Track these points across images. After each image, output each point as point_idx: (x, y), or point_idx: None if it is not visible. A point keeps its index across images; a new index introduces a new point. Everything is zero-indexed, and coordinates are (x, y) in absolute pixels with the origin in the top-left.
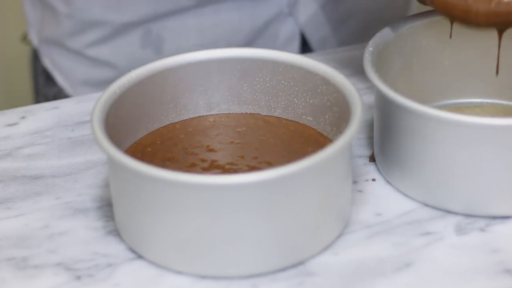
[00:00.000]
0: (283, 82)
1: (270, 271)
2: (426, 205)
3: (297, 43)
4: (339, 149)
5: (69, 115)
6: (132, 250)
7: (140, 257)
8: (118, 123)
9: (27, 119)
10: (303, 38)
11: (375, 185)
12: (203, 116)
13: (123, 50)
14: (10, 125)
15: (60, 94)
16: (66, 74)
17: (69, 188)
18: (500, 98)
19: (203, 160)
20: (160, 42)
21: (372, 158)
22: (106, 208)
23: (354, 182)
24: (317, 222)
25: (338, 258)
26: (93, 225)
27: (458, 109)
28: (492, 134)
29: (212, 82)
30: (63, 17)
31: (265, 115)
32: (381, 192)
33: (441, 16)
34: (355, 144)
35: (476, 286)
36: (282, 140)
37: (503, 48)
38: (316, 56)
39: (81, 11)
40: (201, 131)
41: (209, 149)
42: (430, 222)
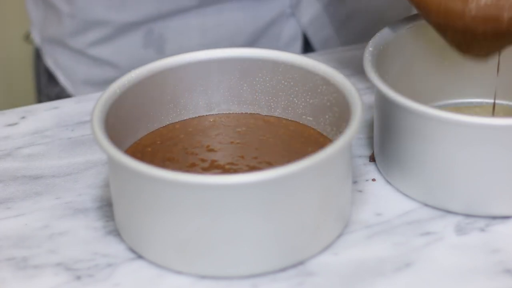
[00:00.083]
0: (283, 82)
1: (270, 271)
2: (426, 205)
3: (299, 44)
4: (339, 149)
5: (69, 115)
6: (132, 250)
7: (140, 257)
8: (118, 123)
9: (27, 119)
10: (306, 38)
11: (375, 185)
12: (203, 116)
13: (125, 50)
14: (10, 125)
15: (62, 94)
16: (68, 73)
17: (69, 188)
18: (500, 98)
19: (203, 160)
20: (162, 42)
21: (372, 158)
22: (106, 208)
23: (354, 182)
24: (317, 222)
25: (338, 258)
26: (93, 225)
27: (458, 109)
28: (492, 134)
29: (212, 82)
30: (66, 16)
31: (265, 115)
32: (381, 192)
33: None
34: (355, 144)
35: (476, 286)
36: (282, 140)
37: None
38: (316, 56)
39: (83, 11)
40: (201, 131)
41: (209, 149)
42: (430, 222)
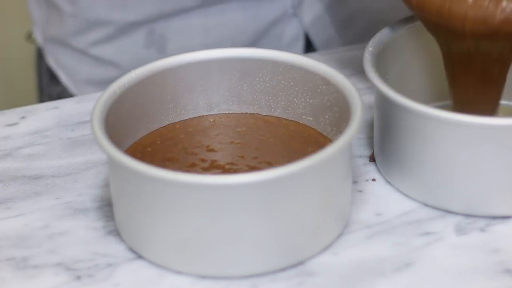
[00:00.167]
0: (283, 82)
1: (270, 271)
2: (426, 205)
3: (301, 44)
4: (339, 149)
5: (69, 115)
6: (132, 250)
7: (140, 257)
8: (118, 123)
9: (27, 119)
10: (308, 39)
11: (375, 185)
12: (203, 116)
13: (127, 50)
14: (10, 125)
15: (64, 93)
16: (70, 73)
17: (69, 188)
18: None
19: (203, 160)
20: (164, 42)
21: (372, 158)
22: (106, 208)
23: (354, 182)
24: (317, 222)
25: (338, 258)
26: (93, 225)
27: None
28: (492, 134)
29: (212, 82)
30: (68, 16)
31: (265, 115)
32: (381, 192)
33: None
34: (355, 144)
35: (476, 286)
36: (282, 140)
37: None
38: (316, 56)
39: (85, 10)
40: (201, 131)
41: (209, 149)
42: (430, 222)
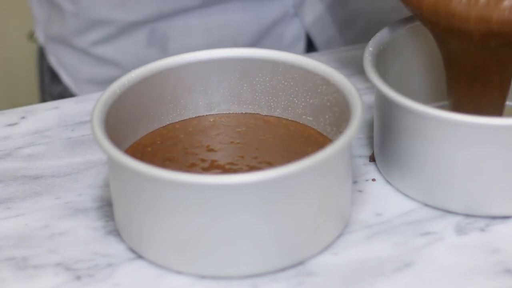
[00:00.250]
0: (283, 82)
1: (270, 271)
2: (426, 205)
3: (302, 44)
4: (339, 149)
5: (69, 115)
6: (132, 250)
7: (140, 257)
8: (118, 123)
9: (27, 119)
10: (309, 39)
11: (375, 185)
12: (203, 116)
13: (129, 49)
14: (10, 125)
15: (65, 93)
16: (71, 72)
17: (69, 188)
18: None
19: (203, 160)
20: (165, 41)
21: (372, 158)
22: (106, 208)
23: (354, 182)
24: (317, 222)
25: (338, 258)
26: (93, 225)
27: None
28: (492, 134)
29: (212, 82)
30: (69, 15)
31: (265, 115)
32: (381, 192)
33: None
34: (355, 144)
35: (476, 286)
36: (282, 140)
37: None
38: (316, 56)
39: (87, 10)
40: (201, 131)
41: (209, 149)
42: (430, 222)
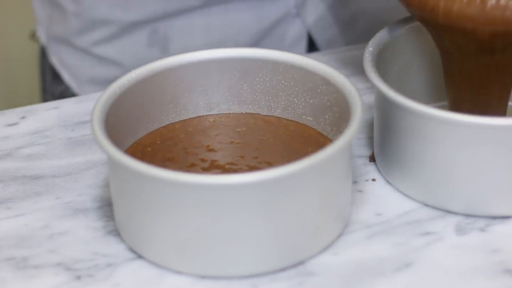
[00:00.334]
0: (283, 82)
1: (270, 271)
2: (426, 205)
3: (304, 44)
4: (339, 149)
5: (69, 115)
6: (132, 250)
7: (140, 257)
8: (118, 123)
9: (27, 119)
10: (311, 39)
11: (375, 185)
12: (203, 116)
13: (130, 49)
14: (10, 125)
15: (67, 92)
16: (73, 72)
17: (69, 188)
18: None
19: (203, 160)
20: (166, 41)
21: (372, 158)
22: (106, 208)
23: (354, 182)
24: (317, 222)
25: (338, 258)
26: (93, 225)
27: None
28: (492, 134)
29: (212, 82)
30: (71, 15)
31: (265, 115)
32: (381, 192)
33: None
34: (355, 144)
35: (476, 286)
36: (282, 140)
37: None
38: (316, 56)
39: (88, 10)
40: (201, 131)
41: (209, 149)
42: (430, 222)
